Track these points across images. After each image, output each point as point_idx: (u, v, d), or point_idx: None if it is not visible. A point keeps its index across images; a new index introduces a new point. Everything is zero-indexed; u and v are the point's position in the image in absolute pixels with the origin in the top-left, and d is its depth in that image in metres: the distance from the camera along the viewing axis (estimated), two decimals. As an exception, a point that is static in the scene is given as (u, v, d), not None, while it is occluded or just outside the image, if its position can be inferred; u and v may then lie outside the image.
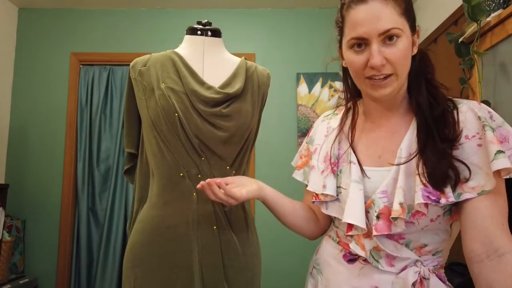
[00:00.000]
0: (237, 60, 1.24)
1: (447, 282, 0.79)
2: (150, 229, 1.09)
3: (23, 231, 2.74)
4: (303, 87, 2.91)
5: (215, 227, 1.08)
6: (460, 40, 1.61)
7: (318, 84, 2.90)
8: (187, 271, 1.06)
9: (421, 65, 0.83)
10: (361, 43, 0.77)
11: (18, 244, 2.68)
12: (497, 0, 1.43)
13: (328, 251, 0.91)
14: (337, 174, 0.87)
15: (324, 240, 0.95)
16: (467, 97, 1.67)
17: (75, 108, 2.89)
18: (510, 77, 1.39)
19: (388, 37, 0.74)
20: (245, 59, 1.25)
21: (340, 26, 0.83)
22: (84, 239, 2.78)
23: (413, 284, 0.74)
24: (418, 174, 0.73)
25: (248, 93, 1.17)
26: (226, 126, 1.10)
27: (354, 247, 0.81)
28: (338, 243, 0.89)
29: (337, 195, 0.85)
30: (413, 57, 0.81)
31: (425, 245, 0.78)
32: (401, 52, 0.75)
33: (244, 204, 1.16)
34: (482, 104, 0.77)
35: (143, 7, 3.00)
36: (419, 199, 0.71)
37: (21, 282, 2.52)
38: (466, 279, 1.43)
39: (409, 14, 0.77)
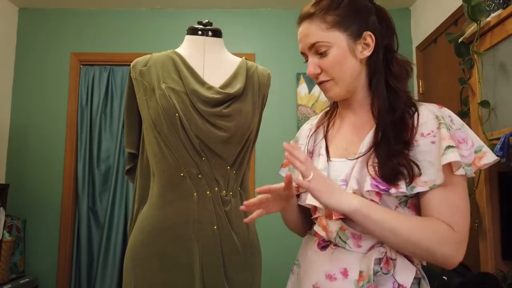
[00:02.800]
0: (237, 60, 1.24)
1: (416, 264, 0.82)
2: (151, 229, 1.09)
3: (23, 231, 2.74)
4: (303, 87, 2.92)
5: (215, 227, 1.08)
6: (460, 40, 1.61)
7: (318, 84, 2.91)
8: (188, 271, 1.06)
9: (381, 69, 0.88)
10: (305, 58, 0.91)
11: (19, 244, 2.68)
12: (497, 0, 1.43)
13: (306, 244, 0.95)
14: None
15: (304, 237, 0.99)
16: (466, 97, 1.68)
17: (75, 108, 2.89)
18: (510, 77, 1.39)
19: (319, 50, 0.86)
20: (246, 59, 1.26)
21: None
22: (84, 239, 2.78)
23: (380, 262, 0.79)
24: (367, 166, 0.81)
25: (248, 93, 1.17)
26: (227, 126, 1.11)
27: (317, 228, 0.87)
28: (314, 235, 0.93)
29: None
30: (371, 60, 0.88)
31: None
32: (331, 62, 0.86)
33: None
34: (444, 108, 0.84)
35: (143, 7, 3.00)
36: (367, 186, 0.78)
37: (21, 281, 2.52)
38: (466, 279, 1.43)
39: (343, 26, 0.86)
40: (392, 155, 0.79)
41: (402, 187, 0.77)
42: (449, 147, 0.76)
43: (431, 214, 0.78)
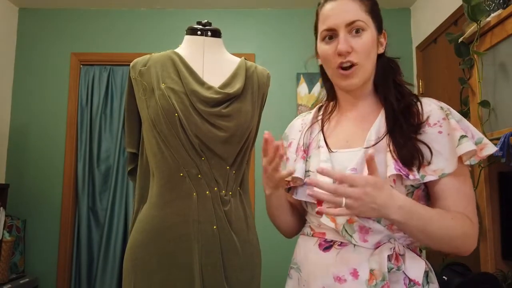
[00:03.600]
0: (237, 60, 1.24)
1: (423, 258, 0.82)
2: (150, 228, 1.09)
3: (23, 231, 2.74)
4: (303, 87, 2.92)
5: (215, 227, 1.08)
6: (460, 40, 1.61)
7: (318, 84, 2.90)
8: (187, 271, 1.06)
9: (389, 68, 0.93)
10: (331, 35, 0.87)
11: (19, 244, 2.68)
12: (497, 0, 1.43)
13: (304, 246, 0.92)
14: (307, 160, 0.93)
15: (299, 239, 0.97)
16: (466, 97, 1.68)
17: (75, 108, 2.89)
18: (510, 77, 1.39)
19: (355, 29, 0.85)
20: (245, 59, 1.26)
21: (316, 24, 0.94)
22: (84, 239, 2.78)
23: (389, 259, 0.77)
24: (390, 151, 0.81)
25: (248, 93, 1.17)
26: (226, 126, 1.11)
27: (325, 220, 0.85)
28: (312, 235, 0.91)
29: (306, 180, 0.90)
30: (381, 58, 0.92)
31: None
32: (365, 44, 0.85)
33: (244, 204, 1.17)
34: (441, 102, 0.87)
35: (143, 7, 3.00)
36: (391, 170, 0.78)
37: (21, 281, 2.52)
38: (466, 279, 1.43)
39: (374, 15, 0.89)
40: (407, 138, 0.80)
41: (416, 174, 0.79)
42: (462, 136, 0.78)
43: (445, 204, 0.79)
